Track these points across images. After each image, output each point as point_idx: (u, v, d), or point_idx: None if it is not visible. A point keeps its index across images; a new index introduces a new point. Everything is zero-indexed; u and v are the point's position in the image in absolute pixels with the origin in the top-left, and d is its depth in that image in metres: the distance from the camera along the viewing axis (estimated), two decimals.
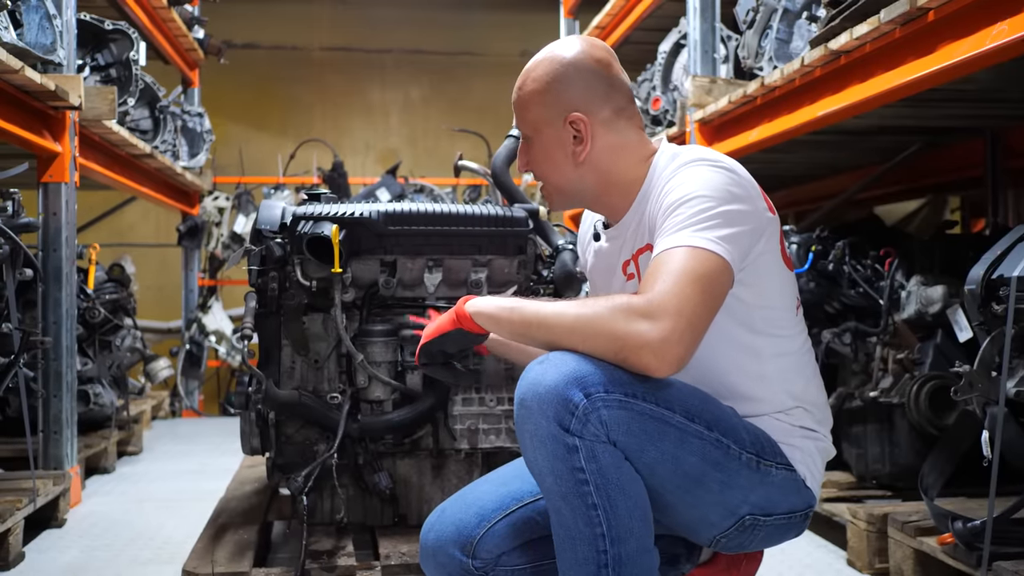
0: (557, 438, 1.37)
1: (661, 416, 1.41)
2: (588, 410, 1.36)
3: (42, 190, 3.43)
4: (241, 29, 7.77)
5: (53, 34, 3.27)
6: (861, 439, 2.93)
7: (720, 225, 1.44)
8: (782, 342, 1.59)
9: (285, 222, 2.38)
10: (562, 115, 1.61)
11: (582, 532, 1.38)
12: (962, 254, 2.97)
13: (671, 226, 1.46)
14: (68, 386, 3.42)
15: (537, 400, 1.38)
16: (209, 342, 6.20)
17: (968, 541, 2.13)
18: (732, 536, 1.53)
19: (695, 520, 1.52)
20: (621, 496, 1.38)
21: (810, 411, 1.61)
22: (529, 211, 2.50)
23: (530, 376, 1.40)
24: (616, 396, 1.37)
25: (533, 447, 1.40)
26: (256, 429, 2.46)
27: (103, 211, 6.99)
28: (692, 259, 1.40)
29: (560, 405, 1.36)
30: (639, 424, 1.39)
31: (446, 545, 1.56)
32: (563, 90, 1.61)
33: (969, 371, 2.07)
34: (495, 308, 1.52)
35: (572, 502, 1.38)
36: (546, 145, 1.64)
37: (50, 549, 2.91)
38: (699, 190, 1.48)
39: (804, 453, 1.58)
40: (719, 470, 1.46)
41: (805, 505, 1.58)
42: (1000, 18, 2.02)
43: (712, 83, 3.65)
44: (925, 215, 5.86)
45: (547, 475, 1.40)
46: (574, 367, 1.38)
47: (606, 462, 1.37)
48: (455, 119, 7.60)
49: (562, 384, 1.36)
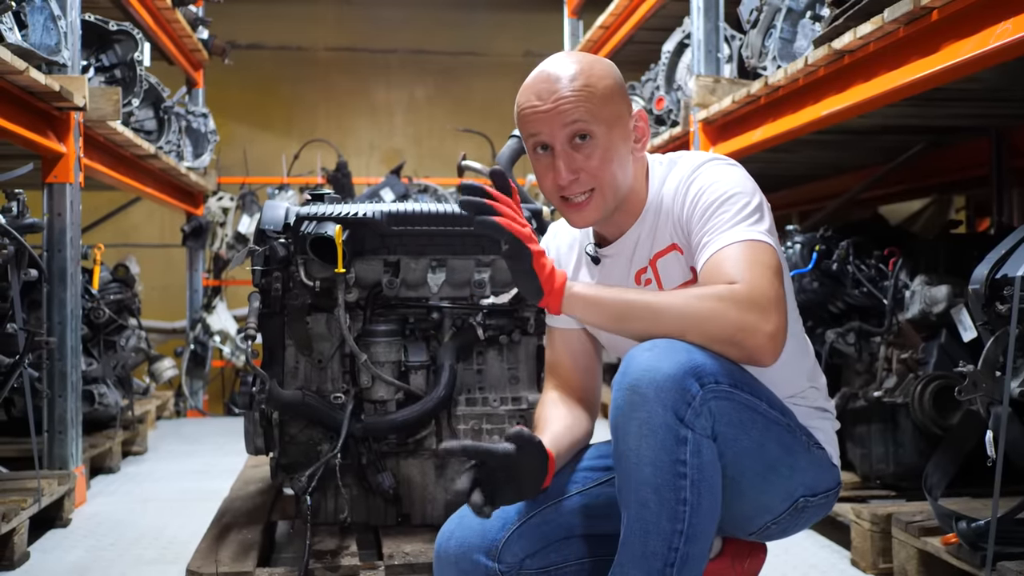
0: (671, 428, 1.35)
1: (755, 406, 1.46)
2: (703, 401, 1.37)
3: (47, 191, 3.44)
4: (245, 29, 7.77)
5: (58, 35, 3.28)
6: (865, 439, 2.93)
7: (762, 218, 1.51)
8: (791, 324, 1.60)
9: (289, 222, 2.39)
10: (630, 110, 1.61)
11: (663, 527, 1.36)
12: (966, 254, 2.96)
13: (721, 224, 1.49)
14: (73, 386, 3.42)
15: (655, 388, 1.36)
16: (213, 342, 6.21)
17: (972, 541, 2.12)
18: (783, 521, 1.58)
19: (758, 507, 1.55)
20: (710, 495, 1.39)
21: (820, 389, 1.67)
22: (532, 211, 2.50)
23: (642, 362, 1.38)
24: (724, 387, 1.40)
25: (640, 435, 1.37)
26: (260, 429, 2.46)
27: (108, 211, 6.99)
28: (759, 251, 1.46)
29: (678, 395, 1.36)
30: (738, 414, 1.43)
31: (470, 551, 1.55)
32: (623, 89, 1.61)
33: (973, 371, 2.06)
34: (593, 291, 1.49)
35: (664, 495, 1.36)
36: (615, 143, 1.58)
37: (55, 549, 2.91)
38: (734, 187, 1.53)
39: (825, 434, 1.65)
40: (790, 455, 1.52)
41: (836, 483, 1.66)
42: (1004, 17, 2.02)
43: (716, 83, 3.65)
44: (930, 215, 5.85)
45: (647, 465, 1.36)
46: (688, 356, 1.38)
47: (707, 458, 1.38)
48: (459, 119, 7.60)
49: (680, 373, 1.36)
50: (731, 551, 1.67)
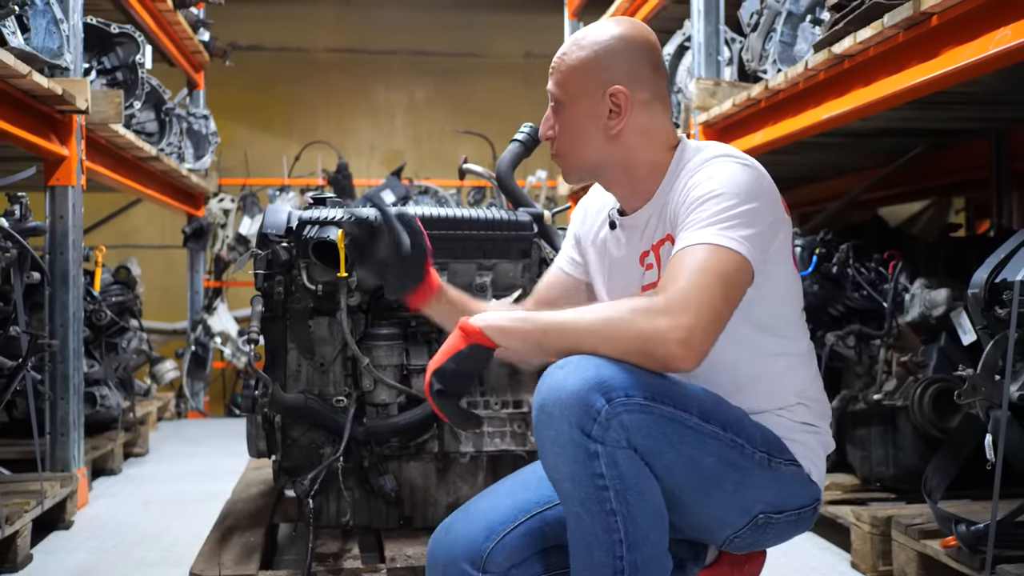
0: (579, 444, 1.36)
1: (680, 418, 1.42)
2: (610, 415, 1.36)
3: (49, 193, 3.45)
4: (246, 31, 7.78)
5: (60, 38, 3.28)
6: (865, 441, 2.94)
7: (743, 224, 1.45)
8: (786, 343, 1.60)
9: (291, 226, 2.39)
10: (603, 87, 1.60)
11: (600, 538, 1.38)
12: (966, 256, 2.97)
13: (695, 221, 1.47)
14: (75, 388, 3.43)
15: (559, 406, 1.37)
16: (214, 343, 6.22)
17: (971, 544, 2.13)
18: (746, 535, 1.54)
19: (710, 521, 1.53)
20: (640, 502, 1.38)
21: (810, 407, 1.62)
22: (534, 215, 2.50)
23: (551, 381, 1.40)
24: (637, 400, 1.38)
25: (554, 453, 1.39)
26: (262, 432, 2.47)
27: (109, 213, 7.01)
28: (715, 256, 1.42)
29: (582, 411, 1.36)
30: (659, 427, 1.40)
31: (457, 560, 1.56)
32: (609, 62, 1.60)
33: (972, 374, 2.07)
34: (504, 320, 1.49)
35: (591, 508, 1.38)
36: (579, 115, 1.62)
37: (58, 551, 2.92)
38: (724, 187, 1.49)
39: (807, 448, 1.59)
40: (735, 470, 1.47)
41: (812, 500, 1.59)
42: (1004, 23, 2.02)
43: (716, 86, 3.66)
44: (930, 216, 5.86)
45: (566, 480, 1.39)
46: (595, 372, 1.37)
47: (626, 468, 1.37)
48: (459, 120, 7.61)
49: (584, 390, 1.36)
50: (729, 556, 1.68)
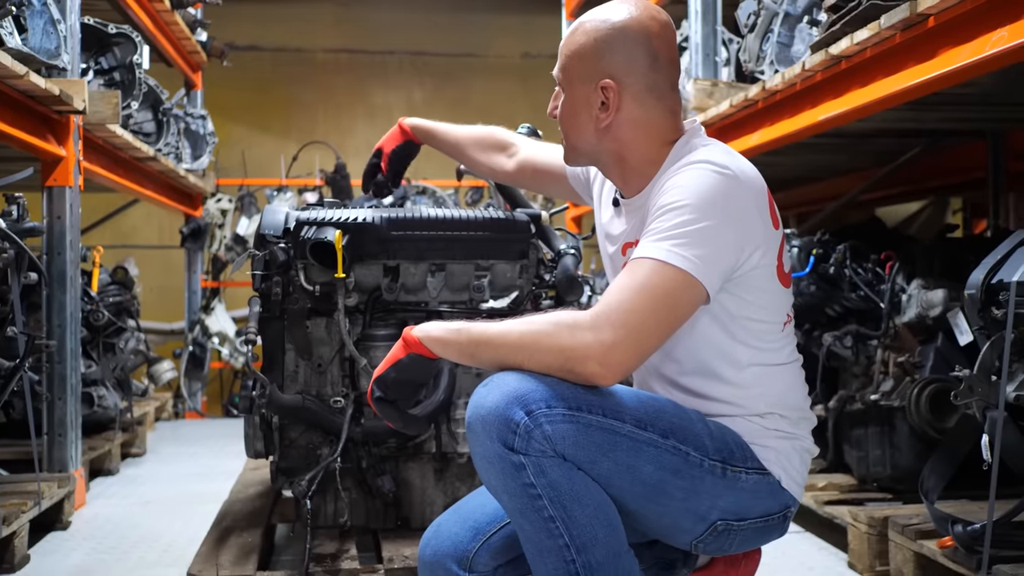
0: (504, 457, 1.39)
1: (610, 427, 1.43)
2: (530, 427, 1.38)
3: (46, 194, 3.44)
4: (244, 31, 7.78)
5: (57, 39, 3.28)
6: (862, 442, 2.94)
7: (697, 243, 1.44)
8: (763, 354, 1.59)
9: (289, 227, 2.39)
10: (597, 78, 1.60)
11: (546, 544, 1.41)
12: (963, 257, 2.97)
13: (653, 231, 1.47)
14: (72, 389, 3.43)
15: (481, 422, 1.41)
16: (212, 344, 6.22)
17: (968, 544, 2.14)
18: (708, 541, 1.55)
19: (668, 527, 1.54)
20: (577, 506, 1.40)
21: (786, 416, 1.60)
22: (531, 216, 2.51)
23: (475, 399, 1.43)
24: (559, 411, 1.39)
25: (484, 468, 1.43)
26: (260, 433, 2.47)
27: (106, 213, 6.99)
28: (659, 274, 1.43)
29: (502, 425, 1.39)
30: (587, 436, 1.41)
31: (443, 560, 1.57)
32: (604, 53, 1.60)
33: (969, 375, 2.08)
34: (442, 331, 1.51)
35: (530, 517, 1.41)
36: (574, 101, 1.64)
37: (55, 552, 2.92)
38: (689, 199, 1.47)
39: (779, 453, 1.57)
40: (680, 477, 1.47)
41: (782, 507, 1.58)
42: (1000, 24, 2.03)
43: (713, 86, 3.66)
44: (927, 217, 5.87)
45: (501, 494, 1.43)
46: (515, 386, 1.40)
47: (555, 475, 1.39)
48: (457, 120, 7.49)
49: (503, 404, 1.39)
50: (723, 558, 1.68)
